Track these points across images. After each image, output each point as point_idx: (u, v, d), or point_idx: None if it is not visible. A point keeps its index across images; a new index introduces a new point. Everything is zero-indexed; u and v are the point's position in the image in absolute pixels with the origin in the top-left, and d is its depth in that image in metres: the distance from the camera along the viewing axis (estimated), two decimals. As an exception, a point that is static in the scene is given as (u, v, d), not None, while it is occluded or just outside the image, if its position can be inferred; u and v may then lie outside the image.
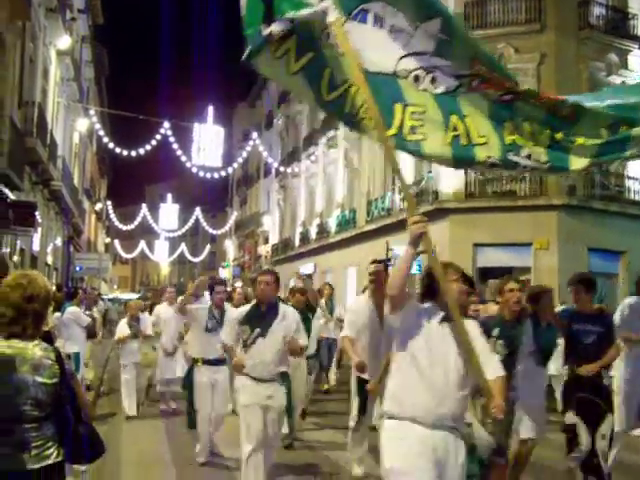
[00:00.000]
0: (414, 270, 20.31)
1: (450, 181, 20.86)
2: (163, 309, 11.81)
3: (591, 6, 21.04)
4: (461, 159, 4.25)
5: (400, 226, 22.83)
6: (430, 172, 22.23)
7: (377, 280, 7.04)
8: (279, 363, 6.24)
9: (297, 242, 37.42)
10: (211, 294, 8.32)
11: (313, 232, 34.34)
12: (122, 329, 11.24)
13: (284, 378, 6.40)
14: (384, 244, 21.83)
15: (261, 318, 6.16)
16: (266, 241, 47.85)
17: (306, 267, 34.66)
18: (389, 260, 21.18)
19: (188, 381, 8.22)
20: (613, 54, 21.24)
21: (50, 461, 3.16)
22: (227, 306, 8.45)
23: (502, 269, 20.11)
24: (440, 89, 4.13)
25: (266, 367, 6.11)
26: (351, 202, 30.11)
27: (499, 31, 20.73)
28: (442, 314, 4.01)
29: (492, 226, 19.66)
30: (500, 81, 4.14)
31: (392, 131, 4.11)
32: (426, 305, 4.14)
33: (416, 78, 4.11)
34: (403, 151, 4.32)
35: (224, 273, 60.07)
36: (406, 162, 23.95)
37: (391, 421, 3.99)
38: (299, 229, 37.66)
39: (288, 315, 6.29)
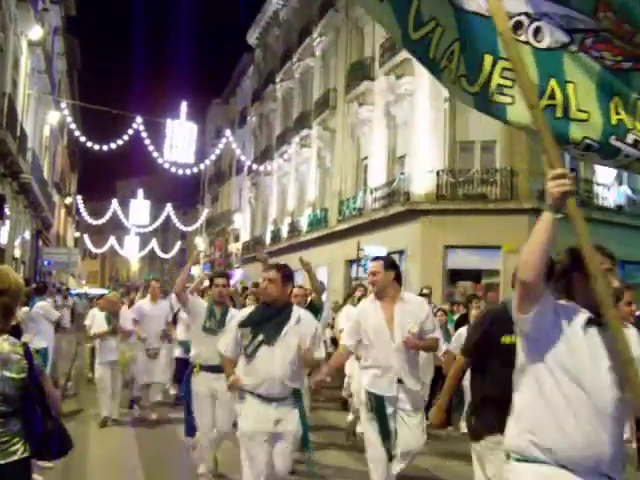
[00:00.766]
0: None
1: (422, 183, 20.99)
2: (146, 305, 10.88)
3: (564, 13, 21.28)
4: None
5: (371, 226, 23.03)
6: (403, 173, 22.37)
7: (375, 282, 5.94)
8: (292, 378, 5.05)
9: (268, 240, 37.38)
10: (210, 287, 7.39)
11: (284, 231, 34.33)
12: (99, 324, 10.37)
13: (298, 397, 5.17)
14: (355, 244, 21.92)
15: (267, 321, 5.09)
16: (237, 239, 47.72)
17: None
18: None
19: (186, 388, 7.17)
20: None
21: (16, 457, 3.13)
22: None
23: (472, 271, 20.37)
24: (544, 43, 3.33)
25: (275, 383, 4.97)
26: (323, 201, 30.16)
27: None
28: (587, 315, 2.95)
29: (463, 228, 19.81)
30: (625, 39, 3.23)
31: (475, 88, 3.46)
32: (562, 301, 3.07)
33: (517, 25, 3.30)
34: (485, 113, 3.66)
35: (194, 270, 59.79)
36: (378, 162, 24.12)
37: (527, 465, 2.86)
38: (270, 227, 37.63)
39: (304, 319, 5.19)
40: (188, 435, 7.23)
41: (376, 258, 6.33)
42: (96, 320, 10.59)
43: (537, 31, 3.33)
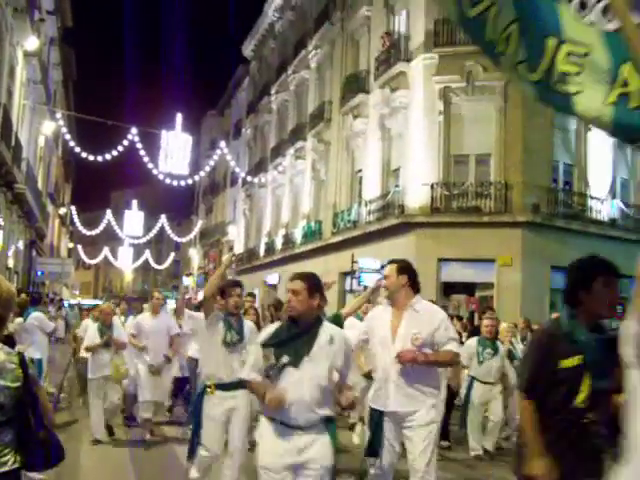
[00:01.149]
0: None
1: (416, 195, 21.04)
2: (146, 320, 10.17)
3: (558, 28, 21.42)
4: (624, 126, 2.97)
5: (366, 238, 23.05)
6: (397, 186, 22.43)
7: (387, 286, 5.65)
8: (322, 404, 4.29)
9: (262, 252, 37.36)
10: (223, 298, 6.69)
11: (279, 242, 34.32)
12: (91, 336, 9.76)
13: (329, 426, 4.37)
14: (349, 256, 21.93)
15: (292, 340, 4.36)
16: (231, 250, 47.67)
17: (271, 277, 34.62)
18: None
19: (196, 411, 6.49)
20: (578, 76, 21.64)
21: (6, 468, 3.09)
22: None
23: (466, 284, 20.39)
24: (614, 24, 3.10)
25: (301, 410, 4.22)
26: (317, 213, 30.18)
27: (468, 49, 20.89)
28: None
29: (457, 241, 19.84)
30: None
31: (536, 75, 3.09)
32: None
33: (582, 4, 2.82)
34: (548, 104, 3.32)
35: (188, 281, 59.67)
36: (372, 175, 24.16)
37: None
38: (264, 239, 37.62)
39: (336, 339, 4.41)
40: (190, 458, 6.52)
41: (391, 262, 5.77)
42: (89, 332, 10.04)
43: (606, 10, 2.81)
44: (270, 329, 4.54)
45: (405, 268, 5.60)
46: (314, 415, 4.22)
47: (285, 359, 4.22)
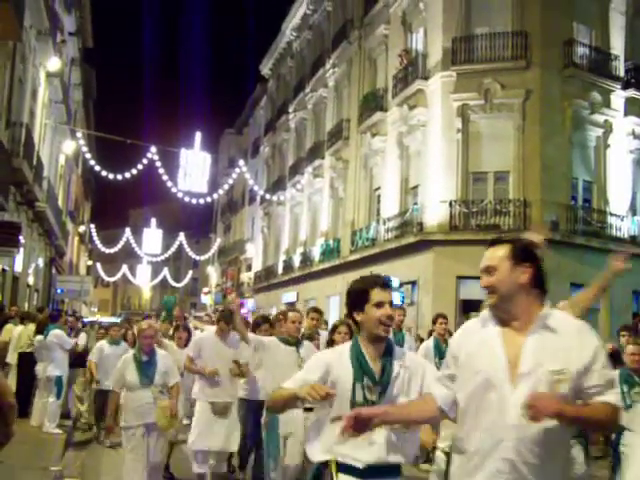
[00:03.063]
0: (397, 301, 20.42)
1: (435, 213, 21.00)
2: (211, 339, 8.25)
3: (575, 46, 21.44)
4: None
5: (384, 256, 23.01)
6: (416, 204, 22.40)
7: (492, 286, 3.31)
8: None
9: (280, 270, 37.38)
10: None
11: (297, 260, 34.33)
12: (122, 370, 7.00)
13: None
14: (368, 274, 21.85)
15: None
16: (249, 268, 47.75)
17: (288, 296, 34.61)
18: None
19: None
20: (596, 93, 21.62)
21: None
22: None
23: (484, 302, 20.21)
24: None
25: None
26: (335, 231, 30.19)
27: (486, 67, 21.05)
28: None
29: (476, 259, 19.49)
30: None
31: None
32: None
33: None
34: None
35: (206, 299, 59.81)
36: (391, 193, 24.16)
37: None
38: (282, 257, 37.65)
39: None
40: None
41: (495, 242, 3.40)
42: (119, 365, 7.13)
43: None
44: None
45: (525, 251, 3.17)
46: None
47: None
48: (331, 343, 6.44)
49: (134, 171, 28.50)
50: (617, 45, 22.41)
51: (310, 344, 7.52)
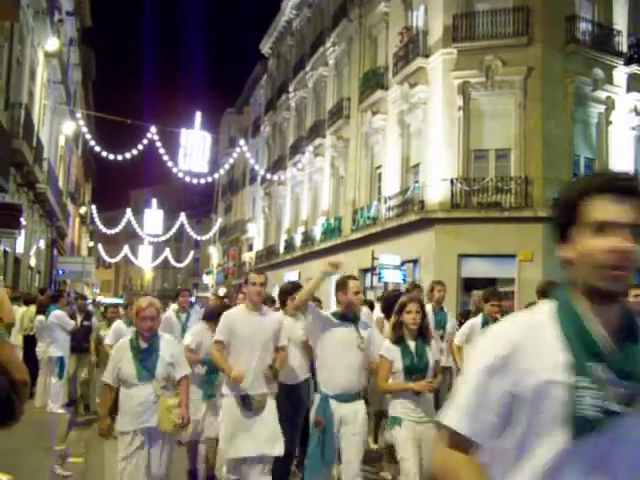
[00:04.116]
0: (399, 280, 20.44)
1: (436, 191, 20.96)
2: (240, 315, 6.30)
3: (577, 21, 21.27)
4: None
5: (385, 235, 23.00)
6: (417, 182, 22.35)
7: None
8: None
9: (282, 250, 37.41)
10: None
11: (298, 240, 34.34)
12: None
13: None
14: (369, 253, 21.90)
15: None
16: (250, 248, 47.79)
17: (290, 275, 34.66)
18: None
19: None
20: (599, 69, 21.48)
21: None
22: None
23: (486, 280, 20.32)
24: None
25: None
26: (336, 210, 30.17)
27: (487, 43, 20.90)
28: None
29: (477, 237, 19.75)
30: None
31: None
32: None
33: None
34: None
35: (207, 279, 59.96)
36: (392, 171, 24.11)
37: None
38: (284, 237, 37.66)
39: None
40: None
41: None
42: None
43: None
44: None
45: None
46: None
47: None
48: (399, 327, 5.70)
49: (134, 151, 28.46)
50: (620, 20, 22.22)
51: (367, 321, 6.48)
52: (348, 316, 5.84)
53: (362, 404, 5.86)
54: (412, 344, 5.72)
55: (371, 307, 10.99)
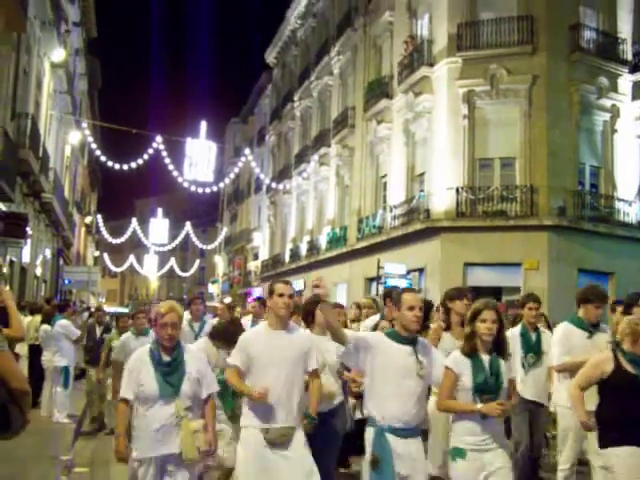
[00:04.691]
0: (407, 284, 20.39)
1: (442, 200, 20.94)
2: (261, 332, 5.36)
3: (582, 30, 21.28)
4: None
5: (391, 244, 22.98)
6: (422, 191, 22.35)
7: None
8: None
9: (287, 259, 37.39)
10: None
11: (303, 249, 34.32)
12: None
13: None
14: (375, 262, 21.88)
15: None
16: (256, 257, 47.78)
17: (296, 284, 34.57)
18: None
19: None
20: (603, 77, 21.46)
21: None
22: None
23: (492, 289, 20.29)
24: None
25: None
26: (342, 219, 30.16)
27: (491, 52, 20.93)
28: None
29: (483, 246, 19.72)
30: None
31: None
32: None
33: None
34: None
35: (213, 289, 59.95)
36: (397, 180, 24.11)
37: None
38: (289, 245, 37.65)
39: None
40: None
41: None
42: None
43: None
44: None
45: None
46: None
47: None
48: (472, 337, 4.84)
49: (140, 161, 28.48)
50: (624, 29, 22.21)
51: (425, 341, 5.24)
52: (405, 336, 4.86)
53: (420, 441, 4.90)
54: (485, 358, 4.83)
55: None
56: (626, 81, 21.96)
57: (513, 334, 7.13)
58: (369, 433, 4.81)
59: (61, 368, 11.42)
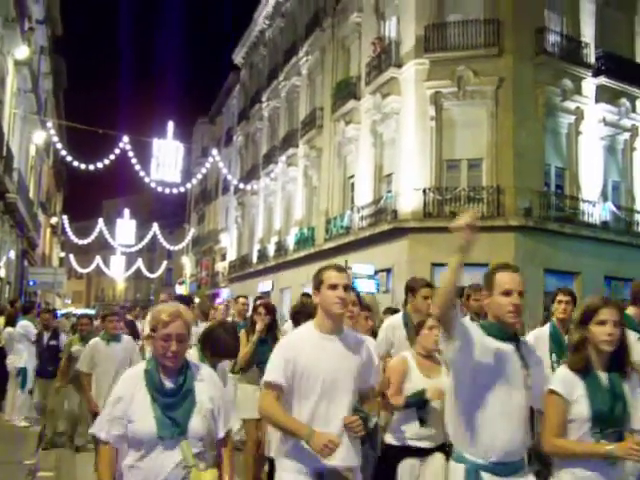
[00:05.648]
0: (373, 290, 20.44)
1: (409, 201, 21.04)
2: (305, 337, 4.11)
3: (546, 33, 21.54)
4: None
5: (359, 244, 23.02)
6: (390, 191, 22.43)
7: None
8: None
9: (255, 259, 37.28)
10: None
11: (271, 250, 34.25)
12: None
13: None
14: (343, 262, 21.87)
15: None
16: (224, 258, 47.59)
17: (264, 285, 34.55)
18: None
19: None
20: (568, 80, 21.74)
21: None
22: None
23: (460, 289, 20.34)
24: None
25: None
26: (310, 220, 30.15)
27: (459, 54, 21.07)
28: None
29: (450, 246, 19.73)
30: None
31: None
32: None
33: None
34: None
35: (180, 290, 59.57)
36: (365, 181, 24.16)
37: None
38: (257, 246, 37.54)
39: None
40: None
41: None
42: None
43: None
44: None
45: None
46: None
47: None
48: (584, 347, 3.46)
49: (106, 161, 28.15)
50: (588, 33, 22.54)
51: (526, 338, 4.53)
52: (506, 331, 3.62)
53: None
54: (603, 376, 3.44)
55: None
56: (590, 84, 22.27)
57: (539, 335, 6.35)
58: (456, 473, 3.50)
59: (17, 369, 11.24)
